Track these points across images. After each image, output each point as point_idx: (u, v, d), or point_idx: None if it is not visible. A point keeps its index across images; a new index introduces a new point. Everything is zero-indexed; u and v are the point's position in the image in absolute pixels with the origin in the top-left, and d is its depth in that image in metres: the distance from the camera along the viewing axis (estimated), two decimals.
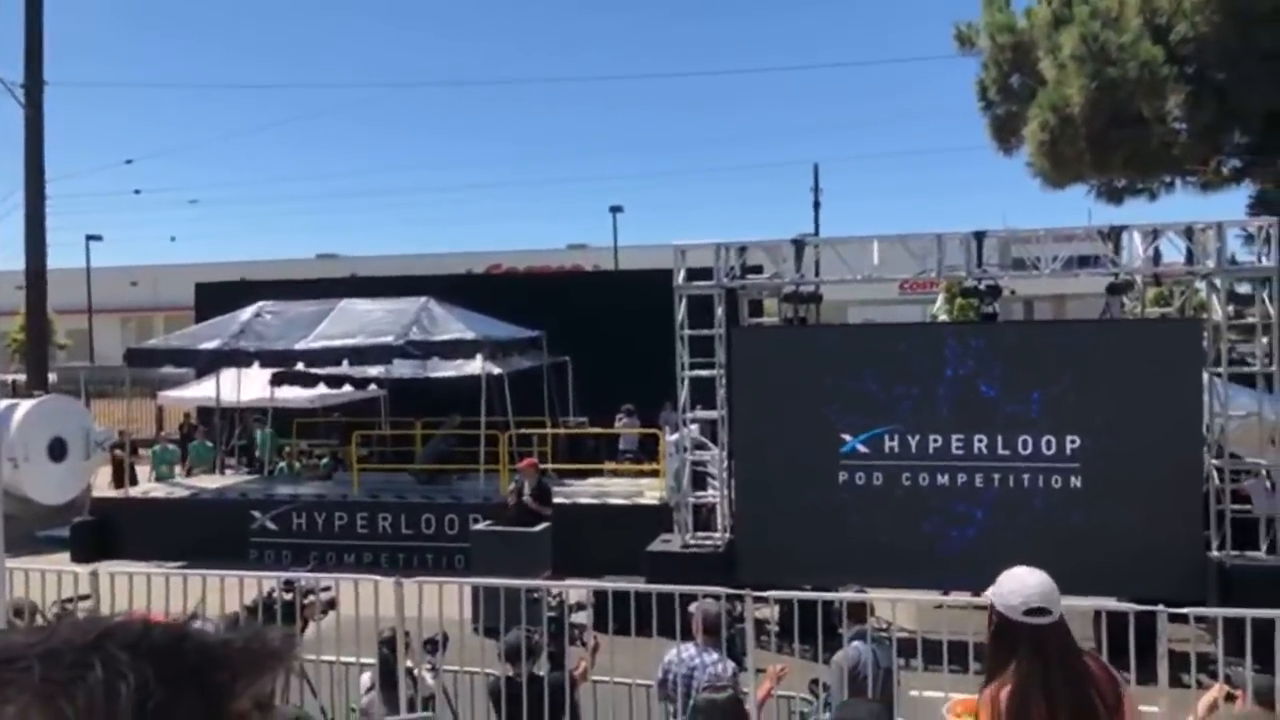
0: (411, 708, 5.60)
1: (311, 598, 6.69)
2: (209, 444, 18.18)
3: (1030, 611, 2.94)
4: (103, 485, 16.41)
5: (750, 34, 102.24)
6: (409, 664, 5.84)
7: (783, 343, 10.89)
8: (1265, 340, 9.73)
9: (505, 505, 12.11)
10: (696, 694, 5.19)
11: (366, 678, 5.97)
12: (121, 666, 0.69)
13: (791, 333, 11.06)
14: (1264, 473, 9.94)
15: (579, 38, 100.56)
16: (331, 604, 6.46)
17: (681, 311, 10.95)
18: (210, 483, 16.58)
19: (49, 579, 6.29)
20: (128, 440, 17.90)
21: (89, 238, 41.90)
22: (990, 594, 3.06)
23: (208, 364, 16.30)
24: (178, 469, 17.47)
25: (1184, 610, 5.41)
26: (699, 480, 11.38)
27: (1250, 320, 10.03)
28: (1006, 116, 14.90)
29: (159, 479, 16.84)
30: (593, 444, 17.31)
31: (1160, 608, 5.23)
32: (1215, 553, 9.50)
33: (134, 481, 16.80)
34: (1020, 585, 3.01)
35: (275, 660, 0.77)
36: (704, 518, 11.27)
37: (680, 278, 11.00)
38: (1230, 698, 4.72)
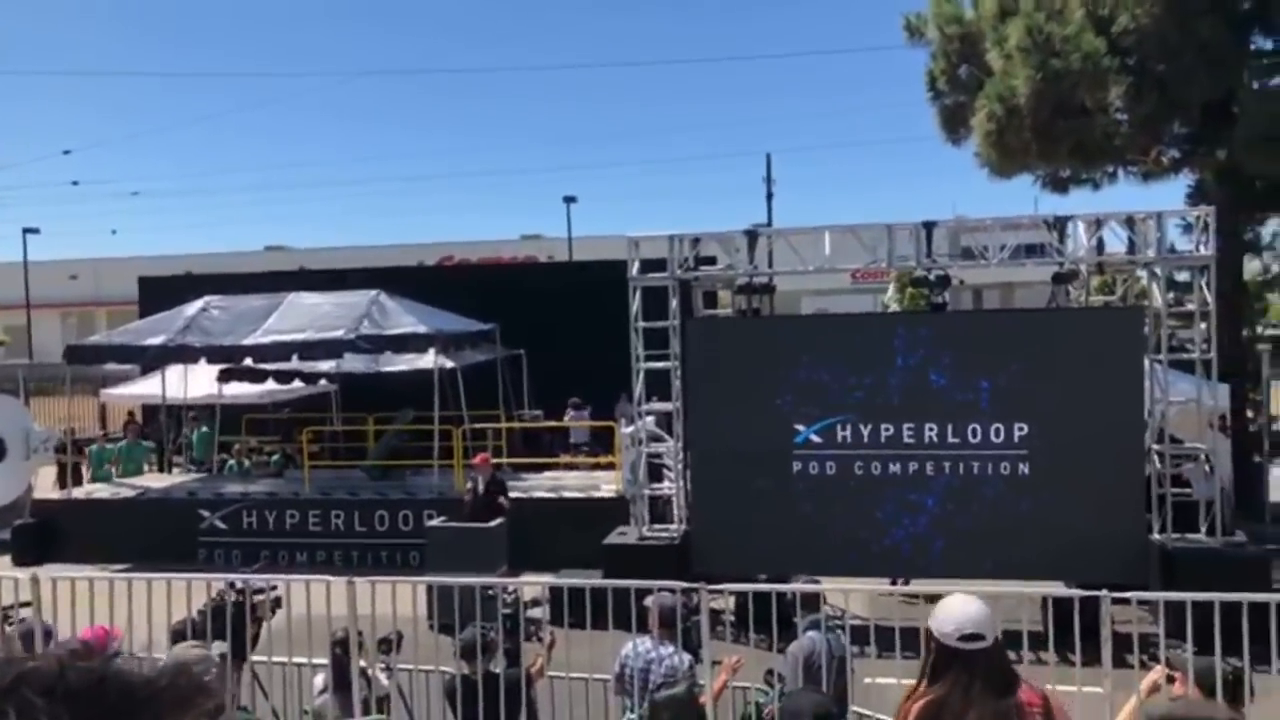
0: (366, 709, 5.55)
1: (260, 597, 6.59)
2: (143, 443, 17.79)
3: (965, 638, 3.02)
4: (45, 486, 15.99)
5: (703, 25, 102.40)
6: (363, 664, 5.78)
7: (736, 334, 10.94)
8: (1203, 327, 9.99)
9: (461, 501, 12.04)
10: (653, 687, 5.21)
11: (319, 679, 5.90)
12: (38, 714, 0.67)
13: (745, 324, 11.11)
14: (1203, 456, 10.21)
15: (532, 27, 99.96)
16: (278, 602, 6.37)
17: (636, 303, 10.95)
18: (157, 482, 16.24)
19: None
20: (69, 440, 17.45)
21: (26, 230, 40.76)
22: (929, 622, 3.12)
23: (152, 360, 15.94)
24: (114, 470, 17.09)
25: (1127, 595, 5.53)
26: (655, 472, 11.41)
27: (1189, 308, 10.28)
28: (955, 107, 15.07)
29: (96, 480, 16.44)
30: (548, 438, 17.26)
31: (1104, 592, 5.34)
32: (1157, 536, 9.75)
33: (78, 482, 16.39)
34: (956, 613, 3.09)
35: (204, 697, 0.75)
36: (660, 510, 11.30)
37: (634, 269, 11.00)
38: (1170, 679, 4.85)
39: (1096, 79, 12.55)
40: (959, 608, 3.12)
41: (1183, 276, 10.75)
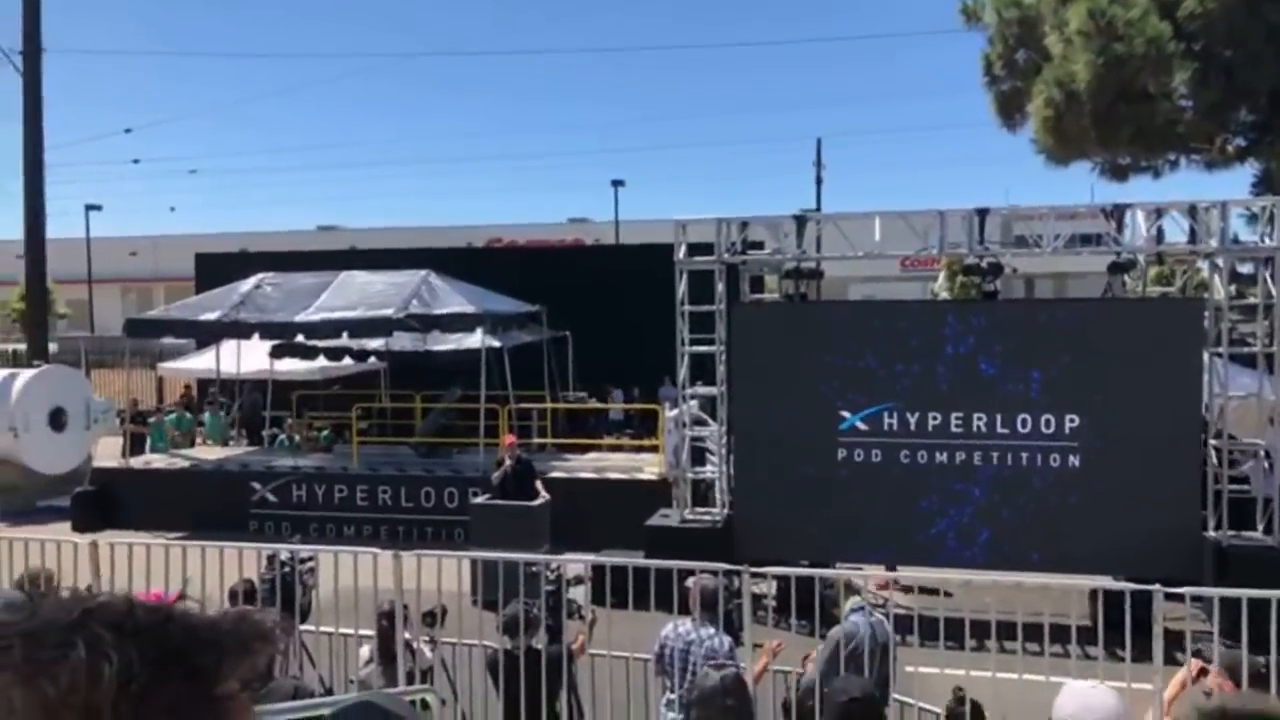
0: (410, 680, 5.64)
1: (307, 565, 6.73)
2: (188, 415, 18.21)
3: None
4: (105, 455, 16.45)
5: (753, 5, 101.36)
6: (407, 636, 5.88)
7: (783, 319, 10.87)
8: (1266, 321, 9.71)
9: (490, 481, 12.13)
10: (695, 669, 5.22)
11: (365, 650, 6.00)
12: (105, 647, 0.68)
13: (792, 309, 11.04)
14: (1262, 453, 9.95)
15: (583, 9, 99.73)
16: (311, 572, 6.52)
17: (682, 287, 10.93)
18: (211, 454, 16.62)
19: (48, 549, 6.31)
20: (130, 412, 17.92)
21: (88, 207, 41.76)
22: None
23: (208, 335, 16.29)
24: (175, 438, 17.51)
25: (1180, 590, 5.43)
26: (698, 456, 11.41)
27: (1252, 300, 10.00)
28: (1011, 92, 14.79)
29: (154, 450, 16.86)
30: (593, 419, 17.34)
31: (1156, 587, 5.24)
32: (1212, 533, 9.53)
33: (141, 452, 16.84)
34: (1076, 699, 2.88)
35: (264, 643, 0.76)
36: (703, 493, 11.30)
37: (681, 253, 10.97)
38: (1203, 672, 4.78)
39: (1160, 64, 12.23)
40: (1082, 694, 2.88)
41: (1245, 268, 10.45)
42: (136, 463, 15.89)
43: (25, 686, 0.66)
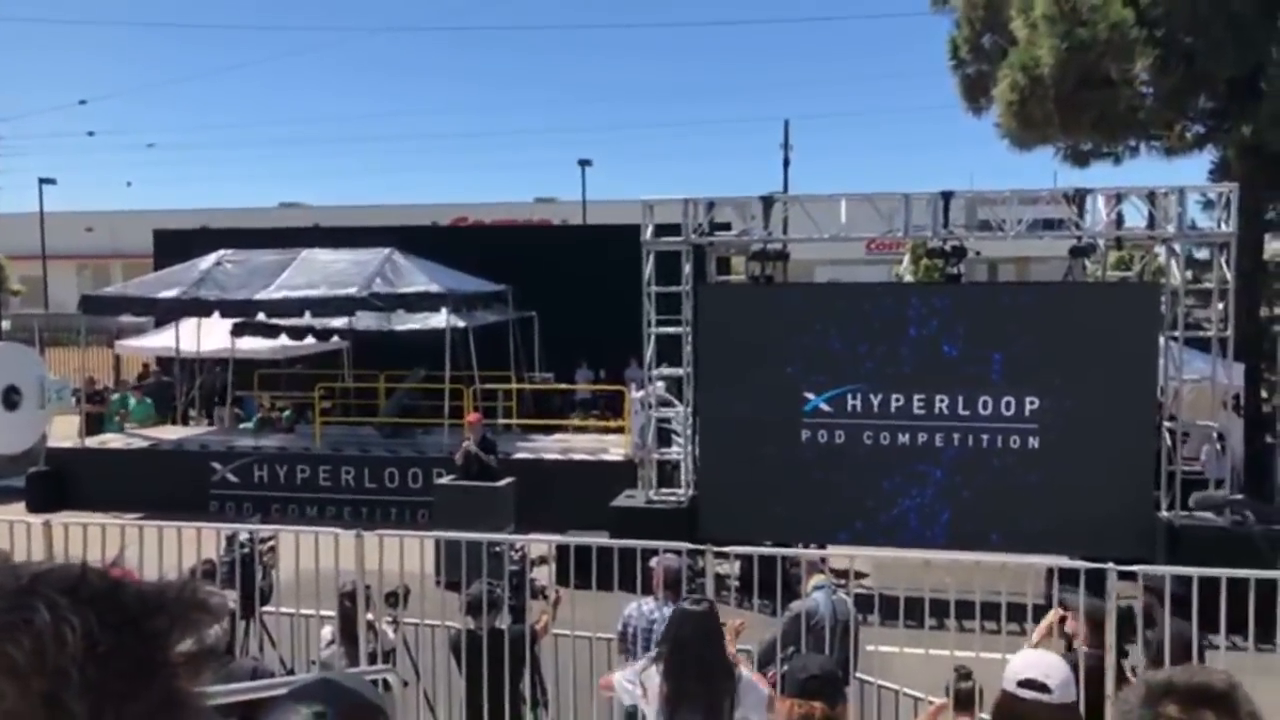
0: (372, 660, 5.62)
1: (266, 545, 6.67)
2: (148, 400, 17.90)
3: (1023, 683, 2.90)
4: (59, 435, 16.15)
5: None
6: (369, 617, 5.84)
7: (749, 301, 10.90)
8: (1221, 306, 9.90)
9: (454, 461, 12.08)
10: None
11: (327, 631, 5.96)
12: (64, 611, 0.67)
13: (757, 291, 11.07)
14: (1215, 436, 10.17)
15: None
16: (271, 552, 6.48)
17: (649, 268, 10.91)
18: (170, 434, 16.38)
19: (0, 529, 6.20)
20: (83, 393, 17.54)
21: (42, 181, 40.77)
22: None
23: (166, 313, 16.03)
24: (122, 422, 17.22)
25: (1133, 568, 5.53)
26: (664, 437, 11.44)
27: (1207, 285, 10.18)
28: (977, 76, 14.88)
29: (108, 430, 16.58)
30: (558, 400, 17.30)
31: (1110, 565, 5.34)
32: (1165, 513, 9.73)
33: (98, 432, 16.54)
34: (1022, 659, 3.04)
35: (203, 613, 0.76)
36: (668, 474, 11.34)
37: (648, 233, 10.94)
38: (1063, 620, 5.13)
39: (1123, 50, 12.35)
40: (1029, 655, 3.07)
41: (1202, 254, 10.64)
42: (93, 442, 15.62)
43: None
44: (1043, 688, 2.85)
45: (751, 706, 4.03)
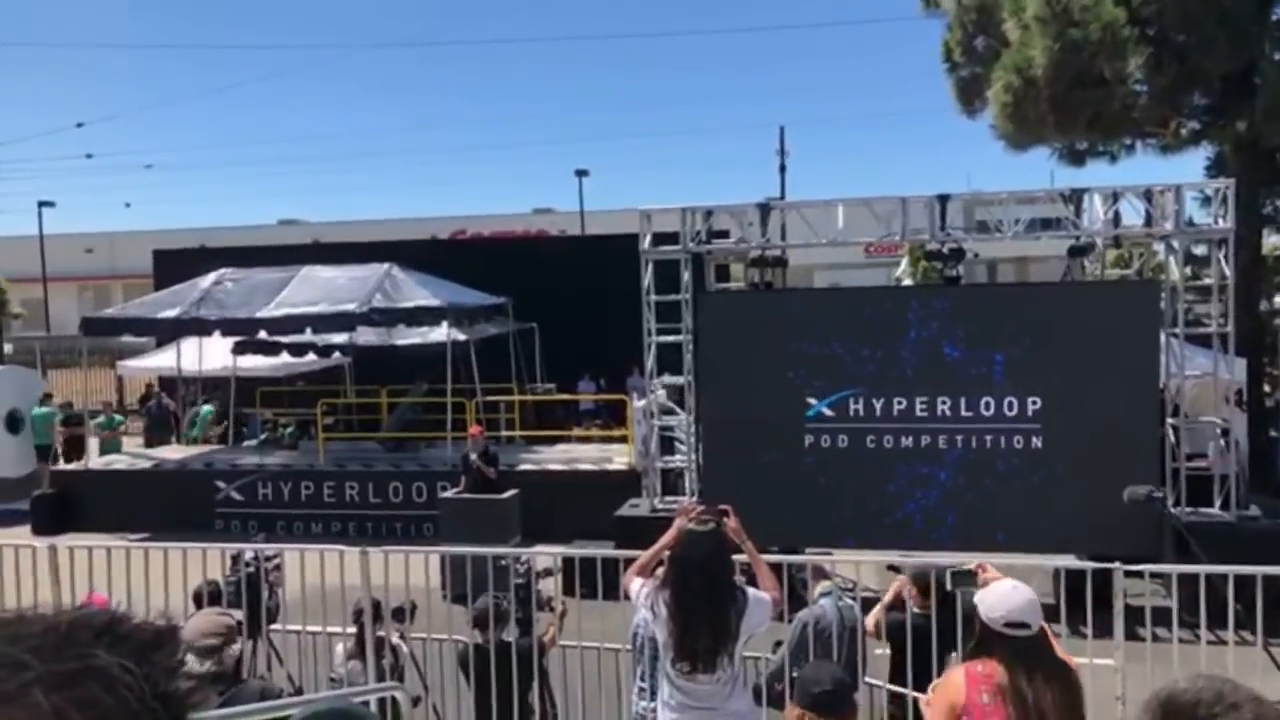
0: (388, 677, 5.61)
1: (271, 562, 6.66)
2: (117, 417, 17.90)
3: (1011, 625, 3.15)
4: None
5: None
6: (381, 634, 5.84)
7: (748, 307, 10.91)
8: (1220, 301, 9.90)
9: (458, 474, 12.10)
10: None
11: (341, 648, 5.95)
12: (115, 655, 0.70)
13: (757, 297, 11.08)
14: (1218, 431, 10.16)
15: None
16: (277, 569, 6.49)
17: (648, 277, 10.93)
18: (174, 453, 16.38)
19: (6, 554, 6.19)
20: (67, 413, 17.44)
21: (41, 204, 40.84)
22: (978, 604, 3.27)
23: (167, 333, 16.06)
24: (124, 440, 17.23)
25: (1140, 567, 5.52)
26: (667, 445, 11.43)
27: (1207, 281, 10.18)
28: (971, 78, 14.90)
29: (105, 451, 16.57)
30: (561, 411, 17.31)
31: (1116, 564, 5.33)
32: (1171, 510, 9.71)
33: (79, 456, 16.50)
34: (1002, 600, 3.22)
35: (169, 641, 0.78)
36: (672, 482, 11.33)
37: (646, 242, 10.96)
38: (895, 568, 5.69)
39: (1116, 49, 12.37)
40: (1007, 594, 3.25)
41: (1200, 250, 10.65)
42: (96, 464, 15.63)
43: (65, 693, 0.66)
44: (1024, 626, 3.16)
45: (758, 622, 4.08)
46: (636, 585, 4.28)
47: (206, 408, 17.88)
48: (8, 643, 0.68)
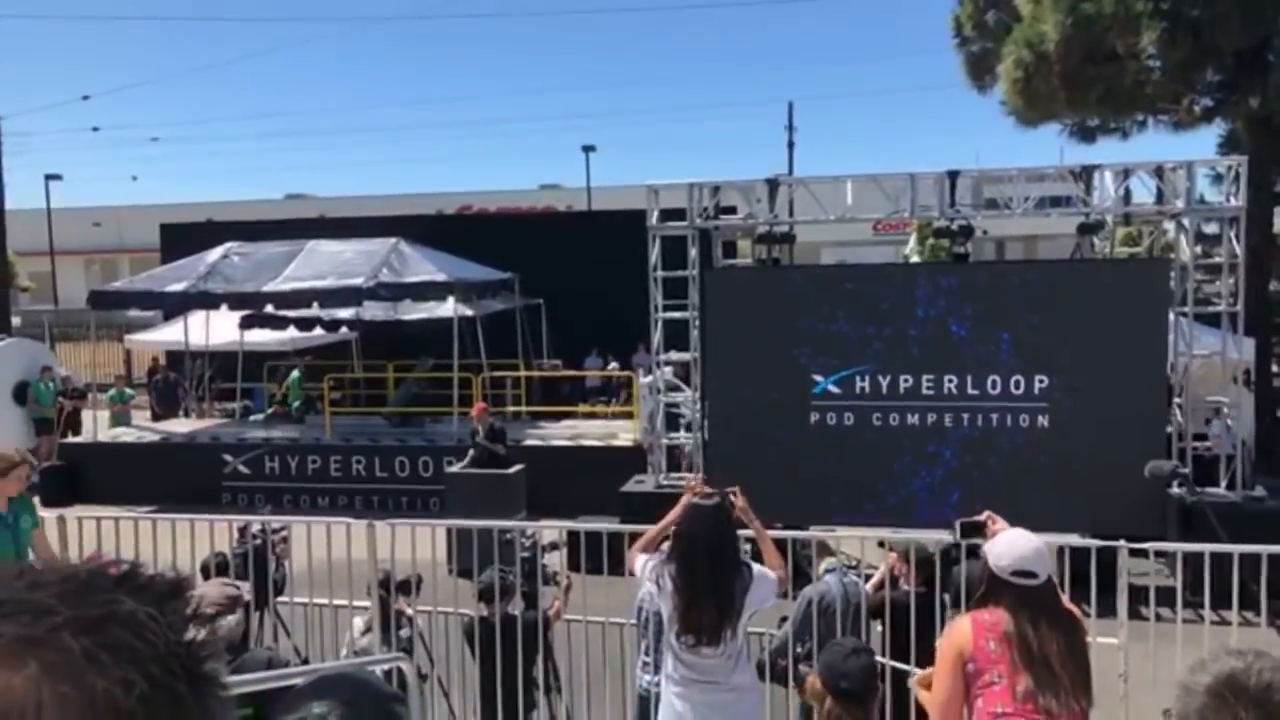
0: (408, 649, 5.65)
1: (279, 535, 6.70)
2: (128, 391, 17.93)
3: (1018, 573, 3.14)
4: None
5: None
6: (398, 606, 5.88)
7: (755, 284, 10.88)
8: (1231, 280, 9.84)
9: (463, 450, 12.14)
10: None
11: (359, 621, 5.98)
12: (137, 600, 0.71)
13: (764, 274, 11.04)
14: (1225, 410, 10.13)
15: None
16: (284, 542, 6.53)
17: (655, 253, 10.89)
18: (181, 426, 16.46)
19: None
20: (69, 387, 17.47)
21: (48, 177, 40.75)
22: (987, 551, 3.25)
23: (174, 307, 16.08)
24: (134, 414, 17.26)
25: (1144, 546, 5.52)
26: (673, 422, 11.44)
27: (1217, 260, 10.11)
28: (981, 54, 14.77)
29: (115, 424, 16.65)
30: (567, 387, 17.32)
31: (1121, 543, 5.33)
32: (1176, 489, 9.70)
33: (76, 430, 16.56)
34: (1011, 548, 3.20)
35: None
36: (677, 459, 11.35)
37: (654, 218, 10.92)
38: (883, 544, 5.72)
39: (1128, 24, 12.23)
40: (1016, 541, 3.24)
41: (1211, 228, 10.56)
42: (104, 437, 15.71)
43: (94, 636, 0.66)
44: (1032, 575, 3.14)
45: (762, 598, 4.10)
46: (641, 560, 4.30)
47: (295, 373, 17.68)
48: (29, 589, 0.68)
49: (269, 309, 15.34)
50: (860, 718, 3.28)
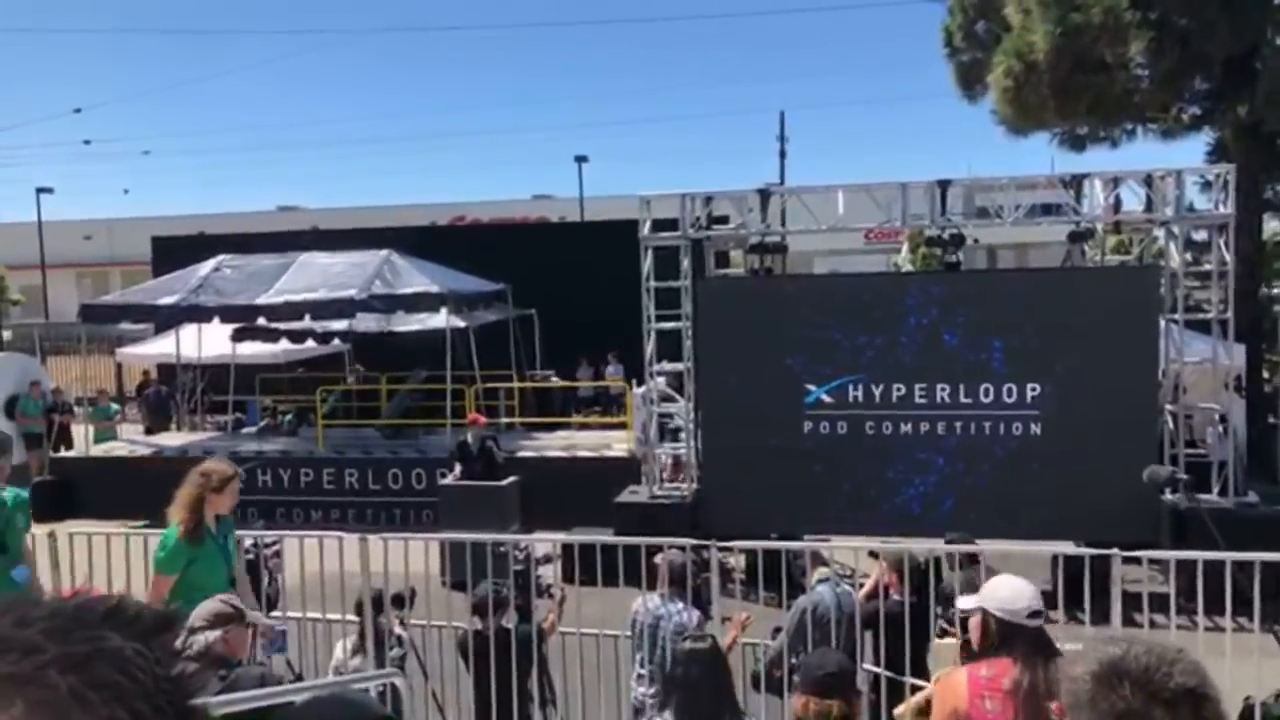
0: (386, 664, 5.62)
1: (270, 550, 6.68)
2: (113, 406, 17.85)
3: (1032, 614, 3.09)
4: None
5: None
6: (384, 621, 5.85)
7: (748, 294, 10.89)
8: (1220, 287, 9.88)
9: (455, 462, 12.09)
10: (664, 644, 5.26)
11: (346, 642, 5.95)
12: (125, 636, 0.70)
13: (756, 284, 11.06)
14: (1217, 417, 10.16)
15: None
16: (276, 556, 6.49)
17: (647, 263, 10.90)
18: (173, 440, 16.39)
19: None
20: (59, 401, 17.37)
21: (39, 190, 40.67)
22: (988, 602, 3.16)
23: (166, 320, 16.02)
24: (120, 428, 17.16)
25: (1138, 554, 5.54)
26: (666, 432, 11.44)
27: (1206, 267, 10.16)
28: (971, 63, 14.84)
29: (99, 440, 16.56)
30: (560, 397, 17.30)
31: (1114, 551, 5.34)
32: (1169, 496, 9.72)
33: (69, 445, 16.47)
34: (1017, 593, 3.15)
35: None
36: (671, 469, 11.34)
37: (646, 229, 10.93)
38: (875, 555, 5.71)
39: (1117, 33, 12.30)
40: (1022, 587, 3.20)
41: (1200, 236, 10.61)
42: (96, 451, 15.63)
43: (80, 674, 0.65)
44: (1041, 613, 3.12)
45: None
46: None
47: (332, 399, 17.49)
48: (16, 626, 0.67)
49: (261, 322, 15.31)
50: (845, 713, 3.21)
